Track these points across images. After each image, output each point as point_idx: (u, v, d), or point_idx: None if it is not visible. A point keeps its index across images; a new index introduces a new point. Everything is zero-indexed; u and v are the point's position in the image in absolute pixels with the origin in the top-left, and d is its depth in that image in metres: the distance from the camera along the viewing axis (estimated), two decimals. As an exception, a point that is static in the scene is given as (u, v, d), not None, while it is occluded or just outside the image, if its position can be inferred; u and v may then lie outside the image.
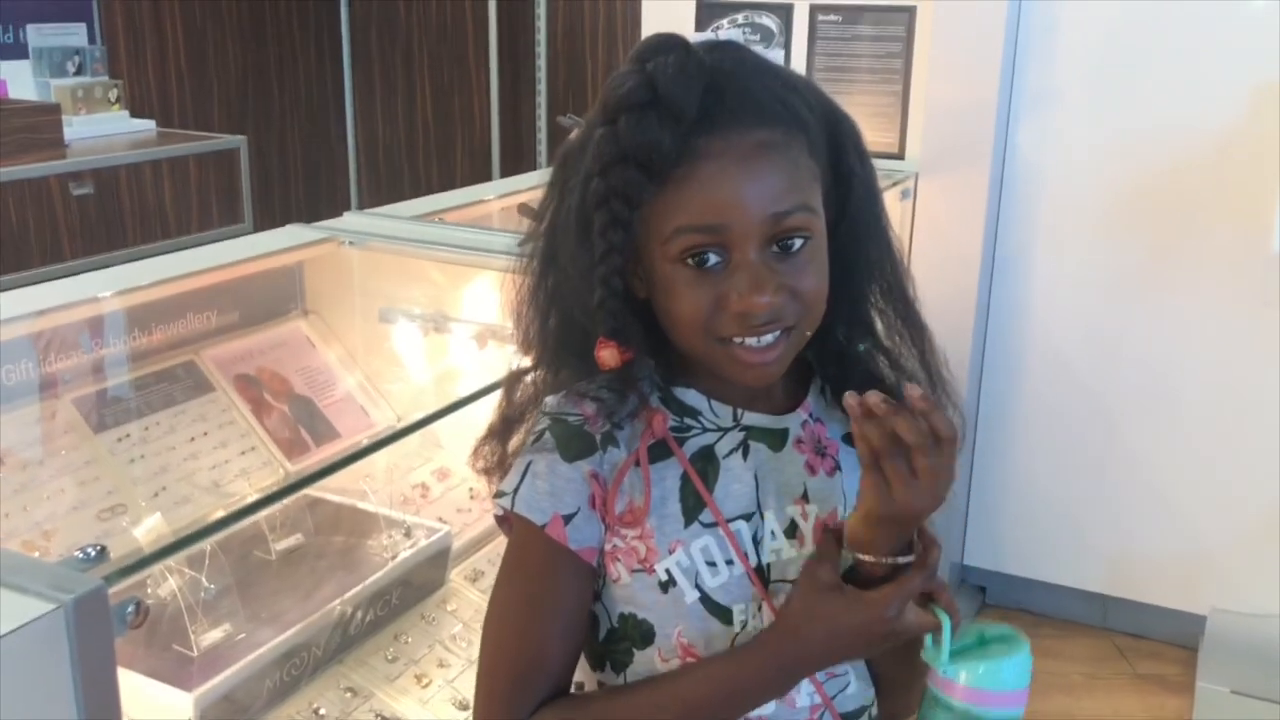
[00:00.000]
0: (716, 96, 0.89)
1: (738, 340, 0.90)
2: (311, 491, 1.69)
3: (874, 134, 2.78)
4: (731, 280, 0.89)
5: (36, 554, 1.42)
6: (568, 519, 0.94)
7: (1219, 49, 2.50)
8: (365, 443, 1.78)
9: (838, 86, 2.80)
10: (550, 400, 0.97)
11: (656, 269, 0.92)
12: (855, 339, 1.00)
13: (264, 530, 1.57)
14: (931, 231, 2.70)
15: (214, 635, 1.38)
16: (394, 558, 1.59)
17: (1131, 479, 2.78)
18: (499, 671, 0.95)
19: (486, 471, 0.99)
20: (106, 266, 1.86)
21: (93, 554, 0.87)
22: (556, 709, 0.93)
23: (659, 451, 0.95)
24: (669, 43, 0.90)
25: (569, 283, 0.94)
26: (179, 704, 1.26)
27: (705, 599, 0.94)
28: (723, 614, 0.93)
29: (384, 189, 5.26)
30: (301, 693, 1.41)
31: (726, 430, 0.97)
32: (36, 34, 3.95)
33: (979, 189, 2.66)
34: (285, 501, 1.60)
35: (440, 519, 1.76)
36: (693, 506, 0.95)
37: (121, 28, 4.33)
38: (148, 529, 1.51)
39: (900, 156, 2.77)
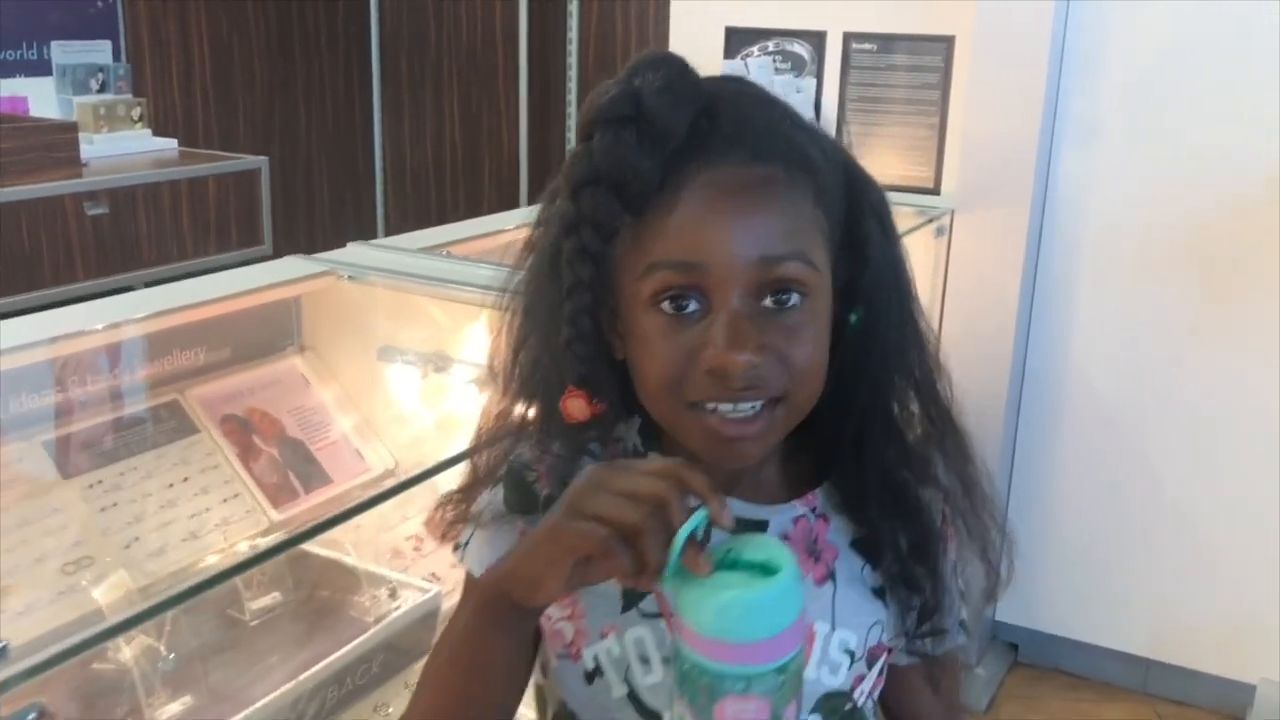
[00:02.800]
0: (711, 122, 0.78)
1: (710, 406, 0.78)
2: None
3: (909, 168, 2.66)
4: (708, 332, 0.76)
5: (-10, 611, 1.32)
6: None
7: (1274, 80, 2.36)
8: (358, 497, 1.66)
9: (871, 118, 2.68)
10: (522, 449, 0.86)
11: (629, 315, 0.80)
12: (871, 438, 0.87)
13: (239, 588, 1.47)
14: (967, 271, 2.58)
15: (173, 709, 1.28)
16: (378, 620, 1.48)
17: (1176, 535, 2.63)
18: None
19: (444, 537, 0.88)
20: (119, 289, 1.79)
21: (-6, 650, 0.76)
22: None
23: None
24: (664, 59, 0.79)
25: (541, 324, 0.83)
26: (126, 788, 1.15)
27: (633, 696, 0.83)
28: (651, 718, 0.80)
29: (411, 212, 5.19)
30: (269, 772, 1.30)
31: (690, 511, 0.85)
32: (61, 51, 3.90)
33: (1018, 226, 2.52)
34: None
35: (433, 575, 1.65)
36: (634, 590, 0.83)
37: (147, 46, 4.28)
38: (112, 584, 1.41)
39: (936, 191, 2.65)
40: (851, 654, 0.87)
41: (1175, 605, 2.65)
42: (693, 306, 0.77)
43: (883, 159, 2.67)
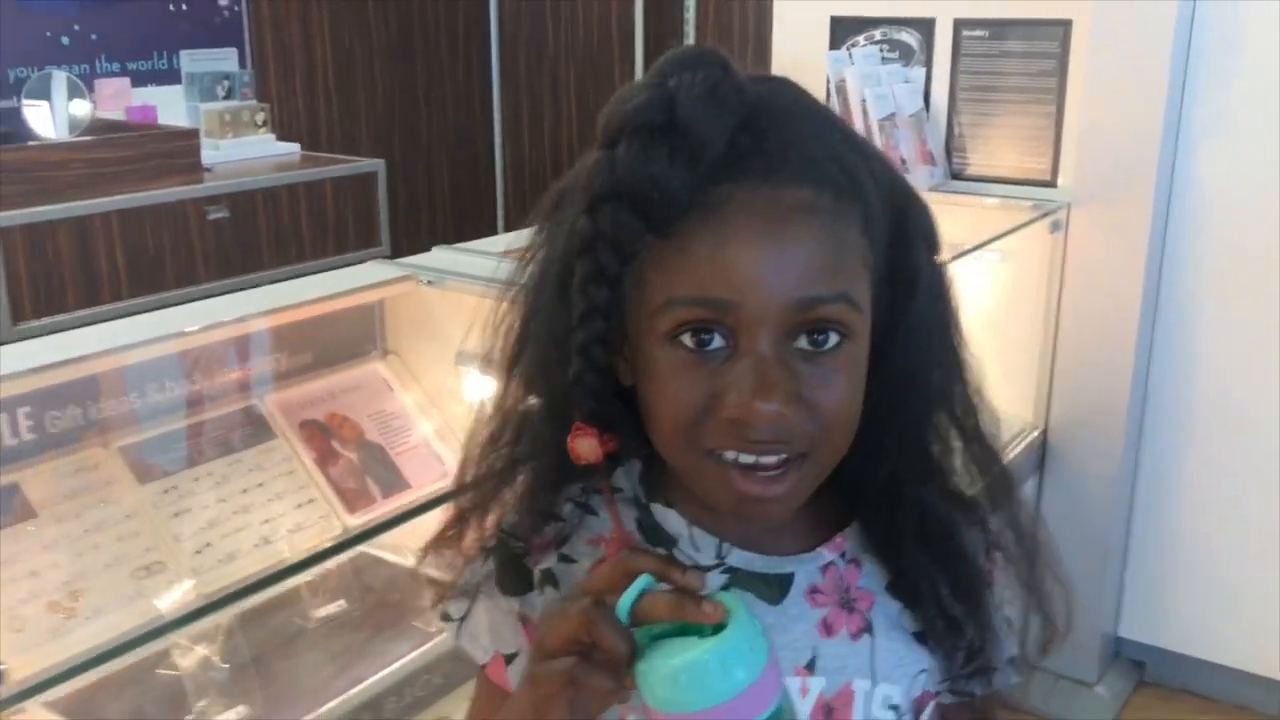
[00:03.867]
0: (754, 138, 0.68)
1: (729, 457, 0.70)
2: (365, 548, 1.58)
3: (1023, 159, 2.53)
4: (732, 376, 0.68)
5: (62, 615, 1.35)
6: (509, 659, 0.79)
7: None
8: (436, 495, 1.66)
9: (983, 108, 2.56)
10: (510, 513, 0.80)
11: (643, 347, 0.71)
12: (905, 478, 0.78)
13: (304, 594, 1.47)
14: (1085, 269, 2.43)
15: (228, 717, 1.28)
16: (441, 631, 1.46)
17: (1318, 552, 2.43)
18: None
19: (437, 585, 0.83)
20: (239, 290, 1.81)
21: (-8, 671, 0.75)
22: None
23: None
24: (704, 58, 0.69)
25: (542, 353, 0.75)
26: (172, 799, 1.15)
27: None
28: None
29: (530, 211, 5.20)
30: (323, 784, 1.29)
31: (705, 570, 0.76)
32: (189, 60, 4.03)
33: (1140, 223, 2.37)
34: (329, 565, 1.49)
35: (505, 584, 1.63)
36: None
37: (271, 52, 4.39)
38: (184, 590, 1.42)
39: (1052, 184, 2.51)
40: (896, 709, 0.80)
41: (1317, 627, 2.46)
42: (717, 343, 0.69)
43: (995, 150, 2.54)
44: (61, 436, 1.46)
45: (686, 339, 0.69)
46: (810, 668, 0.77)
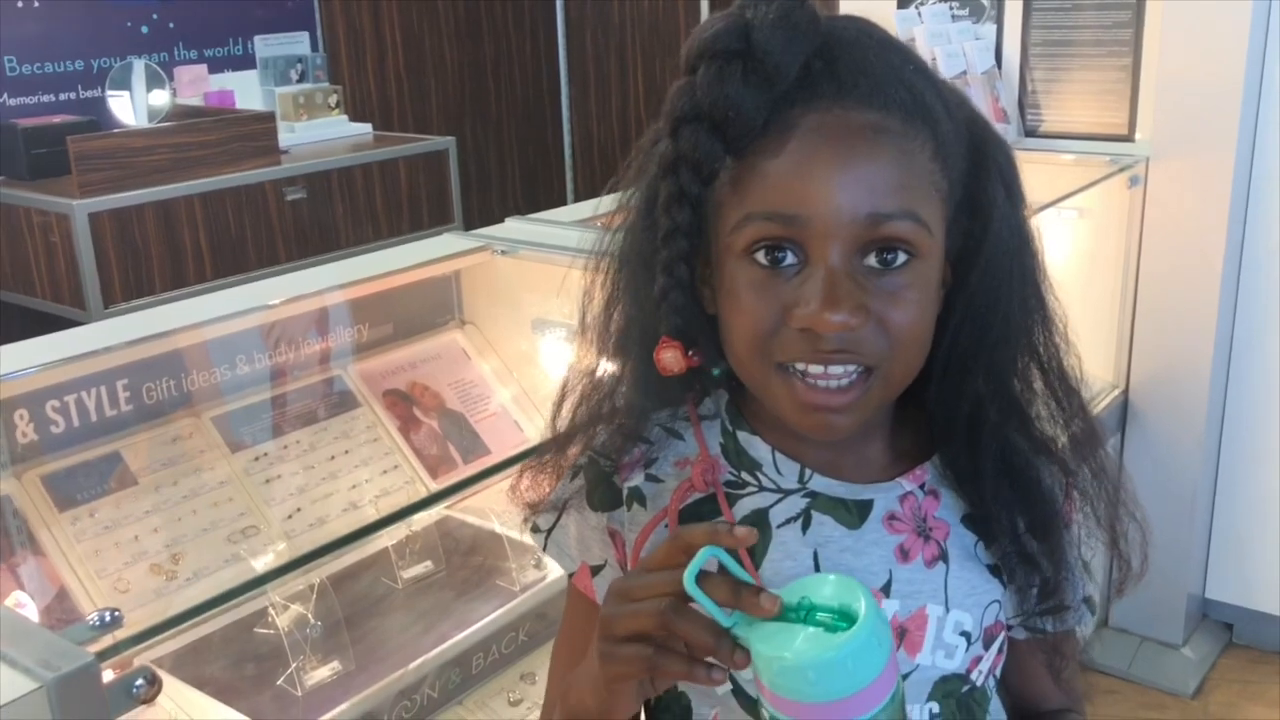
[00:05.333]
0: (826, 63, 0.72)
1: (800, 368, 0.72)
2: (449, 510, 1.61)
3: (1099, 114, 2.48)
4: (804, 289, 0.71)
5: (164, 577, 1.40)
6: (595, 570, 0.83)
7: None
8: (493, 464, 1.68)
9: (1057, 62, 2.51)
10: (602, 433, 0.83)
11: (723, 266, 0.75)
12: (988, 416, 0.80)
13: (391, 556, 1.51)
14: (1165, 224, 2.39)
15: (322, 673, 1.32)
16: (524, 589, 1.50)
17: None
18: (544, 704, 0.92)
19: (528, 505, 0.86)
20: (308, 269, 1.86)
21: (107, 619, 0.79)
22: None
23: (705, 510, 0.79)
24: None
25: (634, 274, 0.79)
26: (274, 748, 1.20)
27: (738, 691, 0.78)
28: (756, 710, 0.77)
29: (599, 186, 5.20)
30: (413, 736, 1.33)
31: (787, 493, 0.80)
32: (263, 44, 4.11)
33: (1223, 176, 2.31)
34: (414, 527, 1.53)
35: (585, 545, 1.66)
36: None
37: (342, 35, 4.46)
38: (278, 552, 1.47)
39: (1130, 138, 2.46)
40: (967, 635, 0.81)
41: None
42: (789, 259, 0.72)
43: (1070, 105, 2.50)
44: (157, 408, 1.52)
45: (761, 256, 0.72)
46: (885, 590, 0.79)
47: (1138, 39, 2.42)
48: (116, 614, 0.79)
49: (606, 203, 2.22)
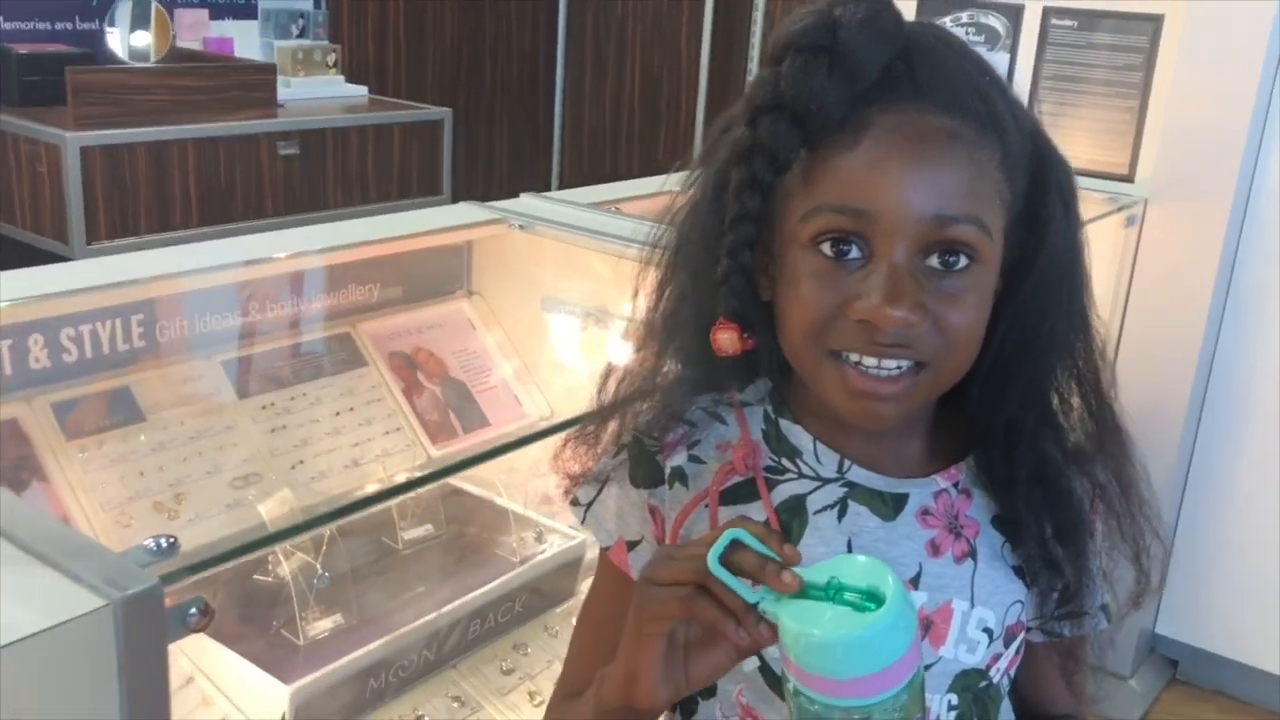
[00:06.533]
0: (906, 66, 0.74)
1: (853, 359, 0.75)
2: (450, 479, 1.62)
3: (1102, 152, 2.54)
4: (866, 283, 0.73)
5: (166, 515, 1.40)
6: (631, 545, 0.85)
7: None
8: (515, 435, 1.70)
9: (1066, 98, 2.56)
10: (645, 412, 0.85)
11: (785, 255, 0.77)
12: (1026, 424, 0.82)
13: (394, 517, 1.51)
14: (1157, 264, 2.44)
15: (323, 625, 1.32)
16: (523, 561, 1.51)
17: (1365, 564, 2.45)
18: (561, 675, 0.93)
19: (569, 476, 0.88)
20: (304, 226, 1.86)
21: (165, 545, 0.80)
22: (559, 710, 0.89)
23: (744, 492, 0.82)
24: None
25: (694, 259, 0.81)
26: (276, 695, 1.20)
27: (765, 669, 0.80)
28: (780, 686, 0.80)
29: (586, 171, 5.23)
30: (407, 695, 1.34)
31: (826, 482, 0.82)
32: (267, -4, 4.06)
33: (1216, 223, 2.37)
34: (420, 490, 1.53)
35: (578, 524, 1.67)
36: None
37: (346, -6, 4.42)
38: (278, 501, 1.47)
39: (1129, 179, 2.51)
40: (990, 632, 0.84)
41: (1357, 637, 2.47)
42: (854, 253, 0.74)
43: (1075, 141, 2.55)
44: (169, 346, 1.51)
45: (826, 247, 0.75)
46: (915, 582, 0.81)
47: (1147, 82, 2.47)
48: (173, 541, 0.79)
49: (619, 189, 2.23)
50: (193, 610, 0.79)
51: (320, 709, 1.23)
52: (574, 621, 1.53)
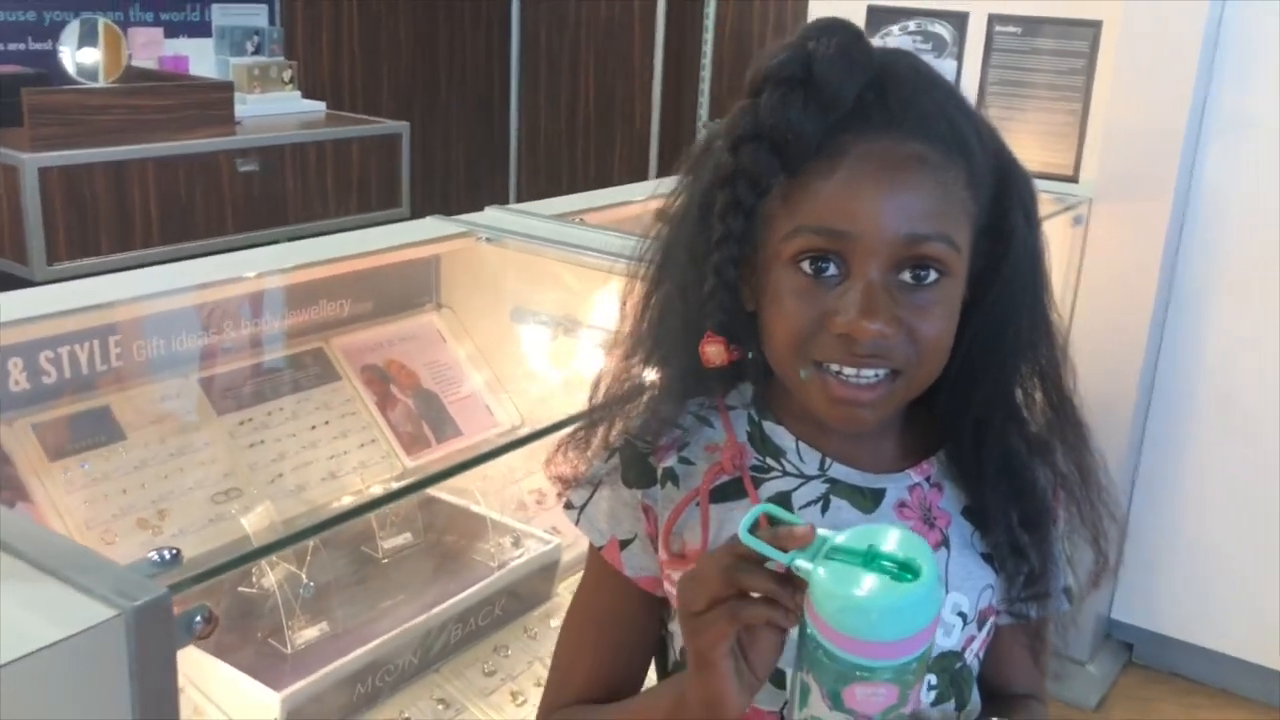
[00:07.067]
0: (878, 95, 0.79)
1: (834, 369, 0.80)
2: (426, 489, 1.65)
3: (1048, 154, 2.62)
4: (843, 299, 0.79)
5: (150, 532, 1.42)
6: (624, 544, 0.89)
7: None
8: (490, 445, 1.74)
9: (1012, 102, 2.64)
10: (634, 419, 0.90)
11: (768, 272, 0.82)
12: (993, 420, 0.88)
13: (374, 527, 1.55)
14: (1103, 262, 2.52)
15: (310, 633, 1.36)
16: (500, 566, 1.55)
17: (1308, 545, 2.54)
18: (549, 675, 0.96)
19: (560, 479, 0.93)
20: (266, 244, 1.88)
21: (168, 557, 0.83)
22: (564, 715, 0.92)
23: (731, 491, 0.87)
24: (840, 26, 0.80)
25: (681, 273, 0.86)
26: (267, 702, 1.23)
27: None
28: (774, 675, 0.82)
29: (543, 182, 5.27)
30: (393, 699, 1.37)
31: (808, 479, 0.88)
32: (220, 13, 4.07)
33: (1158, 220, 2.46)
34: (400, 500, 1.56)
35: (554, 528, 1.71)
36: None
37: (300, 11, 4.43)
38: (258, 515, 1.50)
39: (1074, 179, 2.60)
40: (964, 616, 0.89)
41: (1304, 616, 2.57)
42: (832, 271, 0.79)
43: (1021, 144, 2.59)
44: (146, 366, 1.53)
45: (806, 265, 0.80)
46: None
47: (1088, 86, 2.56)
48: (176, 552, 0.83)
49: (580, 200, 2.28)
50: (198, 618, 0.83)
51: (310, 714, 1.26)
52: (553, 624, 1.58)
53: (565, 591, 1.64)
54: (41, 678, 0.73)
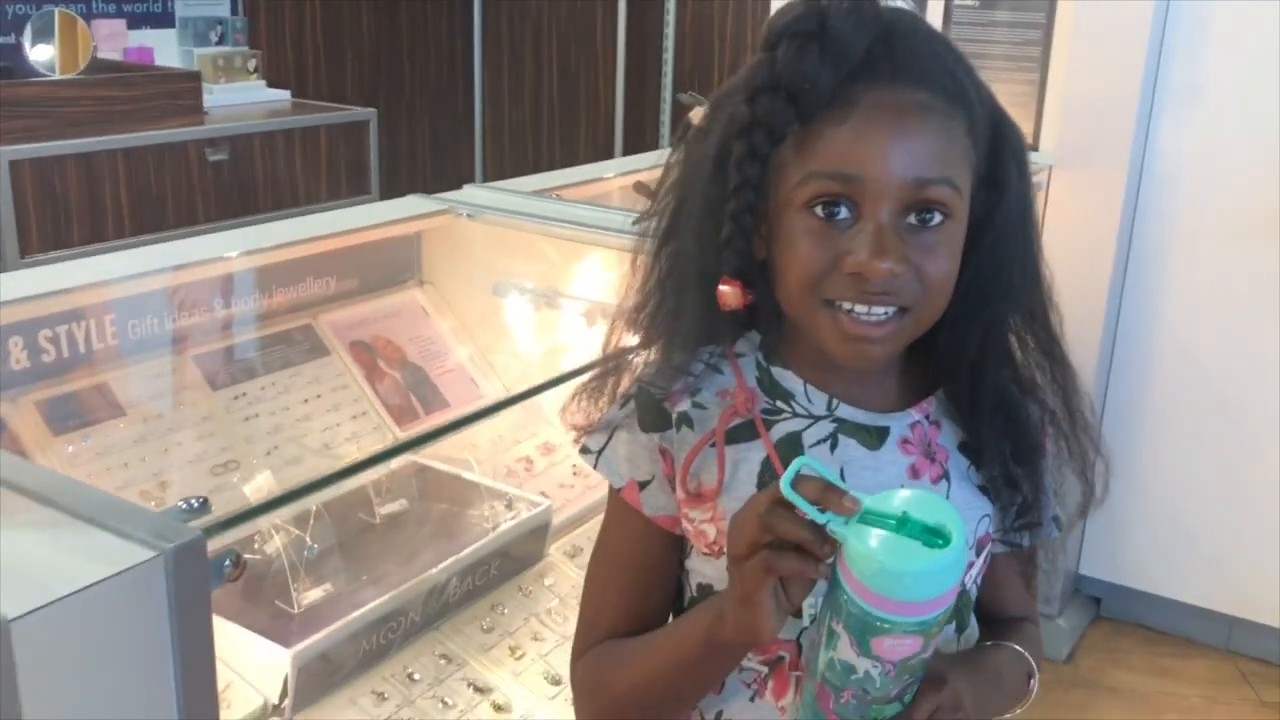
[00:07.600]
0: (886, 48, 0.84)
1: (846, 306, 0.85)
2: (418, 459, 1.70)
3: (1007, 125, 2.69)
4: (855, 240, 0.84)
5: (152, 504, 1.46)
6: (643, 485, 0.94)
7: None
8: (474, 411, 1.79)
9: (971, 74, 2.71)
10: (647, 369, 0.95)
11: (781, 218, 0.87)
12: (988, 361, 0.94)
13: (369, 494, 1.59)
14: (1063, 228, 2.60)
15: (315, 594, 1.40)
16: (494, 529, 1.60)
17: (1264, 496, 2.64)
18: (579, 617, 1.00)
19: (576, 426, 0.98)
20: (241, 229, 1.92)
21: (195, 505, 0.88)
22: (597, 650, 0.97)
23: (744, 433, 0.92)
24: None
25: (696, 224, 0.91)
26: (277, 660, 1.27)
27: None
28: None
29: (508, 167, 5.30)
30: (396, 656, 1.42)
31: (817, 419, 0.93)
32: (183, 4, 4.07)
33: (1115, 187, 2.55)
34: (392, 467, 1.61)
35: (543, 493, 1.76)
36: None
37: (262, 1, 4.43)
38: (257, 485, 1.54)
39: (1034, 148, 2.67)
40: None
41: (1263, 564, 2.66)
42: (843, 214, 0.84)
43: (981, 116, 2.70)
44: (142, 343, 1.57)
45: (819, 209, 0.85)
46: None
47: (1045, 56, 2.63)
48: (204, 500, 0.88)
49: (553, 178, 2.34)
50: (227, 562, 0.87)
51: (319, 670, 1.31)
52: (546, 583, 1.64)
53: (556, 552, 1.69)
54: (91, 613, 0.77)
